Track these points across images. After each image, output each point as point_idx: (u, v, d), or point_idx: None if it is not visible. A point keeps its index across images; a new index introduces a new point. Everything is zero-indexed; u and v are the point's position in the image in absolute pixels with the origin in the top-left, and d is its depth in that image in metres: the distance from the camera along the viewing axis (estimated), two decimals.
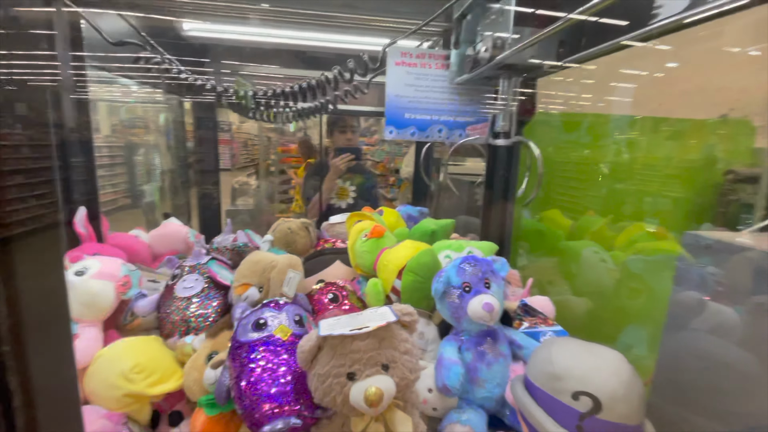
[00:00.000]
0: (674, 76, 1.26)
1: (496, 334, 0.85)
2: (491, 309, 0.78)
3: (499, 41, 0.93)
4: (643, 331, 1.08)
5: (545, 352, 0.66)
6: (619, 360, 0.62)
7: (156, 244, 1.40)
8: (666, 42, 1.09)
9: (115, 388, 0.80)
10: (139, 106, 4.98)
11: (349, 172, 2.16)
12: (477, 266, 0.85)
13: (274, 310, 0.84)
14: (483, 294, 0.81)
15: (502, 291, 0.86)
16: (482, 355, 0.82)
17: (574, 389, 0.59)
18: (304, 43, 1.79)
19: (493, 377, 0.81)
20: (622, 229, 1.27)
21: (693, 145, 1.28)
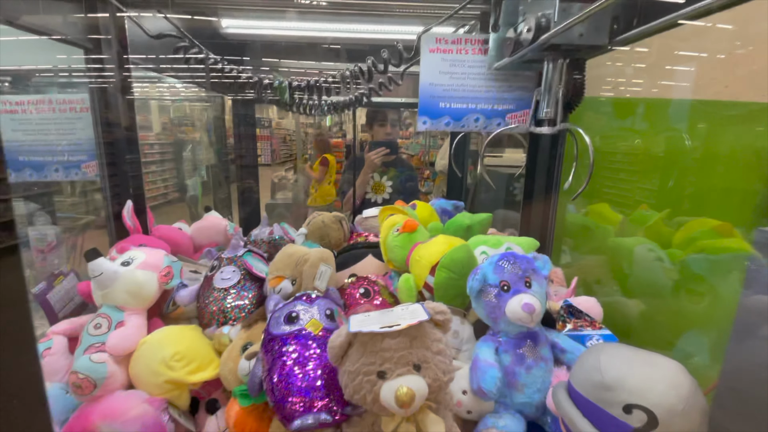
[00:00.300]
0: (740, 55, 1.12)
1: (536, 336, 0.80)
2: (532, 310, 0.73)
3: (544, 20, 0.85)
4: (704, 338, 0.97)
5: (593, 358, 0.60)
6: (679, 371, 0.55)
7: (197, 236, 1.45)
8: (728, 19, 0.97)
9: (157, 375, 0.83)
10: (186, 104, 5.24)
11: (384, 166, 2.14)
12: (516, 263, 0.80)
13: (306, 304, 0.84)
14: (523, 293, 0.76)
15: (544, 291, 0.80)
16: (521, 358, 0.77)
17: (626, 401, 0.53)
18: (339, 35, 1.78)
19: (533, 382, 0.76)
20: (680, 225, 1.15)
21: (763, 132, 1.14)
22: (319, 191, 3.57)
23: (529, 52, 0.95)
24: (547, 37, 0.85)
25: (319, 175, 3.60)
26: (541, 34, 0.87)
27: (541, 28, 0.87)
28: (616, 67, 1.41)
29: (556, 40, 0.87)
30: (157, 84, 3.45)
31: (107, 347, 0.85)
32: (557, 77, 1.00)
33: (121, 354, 0.86)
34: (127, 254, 1.01)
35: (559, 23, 0.83)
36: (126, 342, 0.87)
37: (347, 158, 4.04)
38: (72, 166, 1.36)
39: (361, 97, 1.35)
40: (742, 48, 1.09)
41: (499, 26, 1.07)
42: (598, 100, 1.47)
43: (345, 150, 4.28)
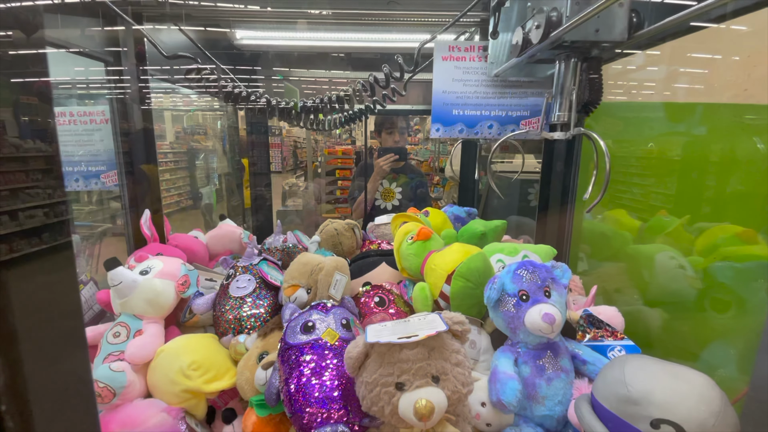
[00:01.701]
0: (759, 57, 1.10)
1: (556, 347, 0.78)
2: (552, 320, 0.72)
3: (555, 15, 0.81)
4: (731, 349, 0.94)
5: (617, 371, 0.59)
6: (709, 385, 0.53)
7: (213, 245, 1.47)
8: (744, 21, 0.95)
9: (174, 384, 0.83)
10: (199, 114, 5.33)
11: (394, 173, 2.14)
12: (535, 272, 0.78)
13: (322, 313, 0.84)
14: (543, 303, 0.74)
15: (564, 300, 0.78)
16: (541, 369, 0.76)
17: (653, 416, 0.52)
18: (348, 44, 1.80)
19: (554, 394, 0.75)
20: (702, 231, 1.12)
21: None
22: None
23: (538, 51, 0.91)
24: (559, 33, 0.81)
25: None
26: (552, 31, 0.83)
27: (552, 24, 0.83)
28: (631, 70, 1.40)
29: (569, 36, 0.83)
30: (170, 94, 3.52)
31: (126, 356, 0.86)
32: (570, 78, 0.95)
33: (140, 363, 0.87)
34: (146, 263, 1.03)
35: (571, 18, 0.79)
36: (144, 351, 0.88)
37: (357, 165, 4.06)
38: (92, 176, 1.39)
39: (366, 110, 1.35)
40: (759, 50, 1.07)
41: (497, 33, 1.06)
42: (613, 103, 1.45)
43: (355, 156, 4.29)
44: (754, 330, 0.80)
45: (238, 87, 1.18)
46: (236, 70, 1.86)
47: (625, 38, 0.84)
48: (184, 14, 1.43)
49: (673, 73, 1.32)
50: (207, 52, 1.50)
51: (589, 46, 0.90)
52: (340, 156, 4.37)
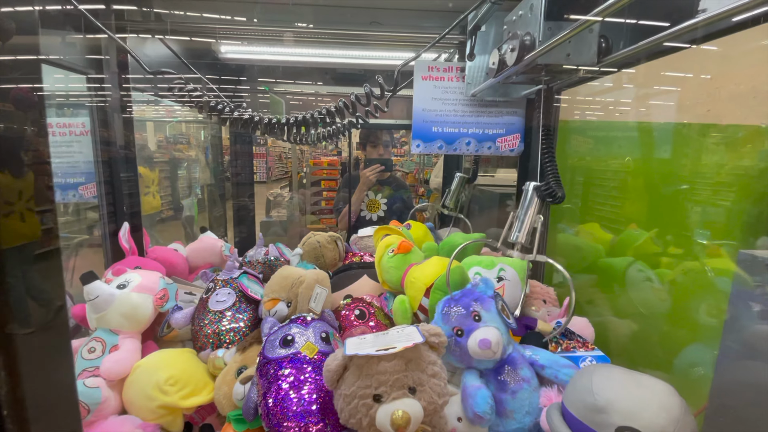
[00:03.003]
0: (722, 80, 1.17)
1: (513, 359, 0.80)
2: (488, 345, 0.74)
3: (529, 39, 0.84)
4: (694, 357, 0.99)
5: (586, 380, 0.61)
6: (669, 393, 0.56)
7: (193, 257, 1.46)
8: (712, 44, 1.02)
9: (151, 399, 0.82)
10: (183, 123, 5.28)
11: (379, 184, 2.17)
12: (458, 304, 0.81)
13: (301, 327, 0.84)
14: (476, 331, 0.77)
15: (496, 314, 0.80)
16: (504, 384, 0.78)
17: (618, 424, 0.54)
18: (333, 61, 1.84)
19: (521, 406, 0.76)
20: (669, 245, 1.18)
21: (746, 152, 1.18)
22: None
23: (513, 73, 0.94)
24: (532, 56, 0.85)
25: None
26: (526, 54, 0.86)
27: (526, 47, 0.86)
28: (605, 89, 1.46)
29: (542, 60, 0.86)
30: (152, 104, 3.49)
31: (101, 372, 0.85)
32: (535, 205, 0.93)
33: (116, 378, 0.85)
34: (123, 277, 1.02)
35: (544, 42, 0.82)
36: (120, 366, 0.87)
37: (342, 176, 4.08)
38: (69, 188, 1.37)
39: (349, 125, 1.38)
40: (726, 72, 1.14)
41: (474, 55, 1.10)
42: (588, 122, 1.52)
43: (340, 168, 4.31)
44: (714, 340, 0.84)
45: (222, 102, 1.19)
46: (221, 81, 1.87)
47: (594, 62, 0.89)
48: (169, 28, 1.44)
49: (643, 93, 1.39)
50: (190, 66, 1.51)
51: (560, 72, 0.94)
52: (325, 167, 4.38)
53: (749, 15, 0.68)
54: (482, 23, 1.05)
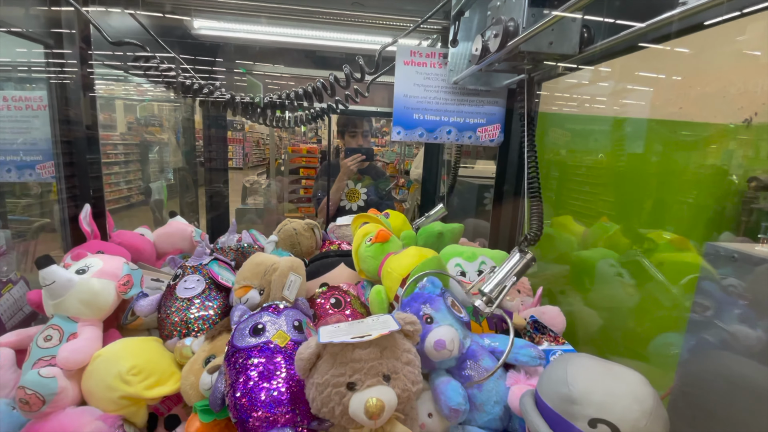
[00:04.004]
0: (694, 79, 1.21)
1: (473, 352, 0.81)
2: (443, 345, 0.74)
3: (512, 25, 0.83)
4: (661, 346, 1.02)
5: (560, 371, 0.61)
6: (642, 385, 0.57)
7: (161, 243, 1.39)
8: (685, 44, 1.04)
9: (112, 390, 0.78)
10: (154, 104, 5.06)
11: (360, 173, 2.13)
12: (408, 310, 0.81)
13: (273, 315, 0.82)
14: (429, 334, 0.77)
15: (447, 312, 0.81)
16: (469, 379, 0.78)
17: (591, 416, 0.54)
18: (313, 42, 1.78)
19: (489, 397, 0.77)
20: (637, 237, 1.21)
21: (713, 151, 1.22)
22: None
23: (496, 60, 0.93)
24: (515, 42, 0.83)
25: None
26: (509, 40, 0.85)
27: (509, 33, 0.85)
28: (582, 83, 1.48)
29: (525, 47, 0.85)
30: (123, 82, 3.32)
31: (58, 361, 0.80)
32: (514, 268, 0.86)
33: (73, 368, 0.81)
34: (83, 261, 0.96)
35: (527, 29, 0.81)
36: (79, 355, 0.82)
37: (321, 164, 4.01)
38: (26, 167, 1.28)
39: (328, 109, 1.34)
40: (698, 71, 1.17)
41: (457, 41, 1.08)
42: (564, 116, 1.53)
43: (320, 156, 4.24)
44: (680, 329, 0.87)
45: (192, 79, 1.13)
46: (194, 60, 1.79)
47: (576, 52, 0.89)
48: (140, 1, 1.35)
49: (619, 89, 1.41)
50: (160, 40, 1.43)
51: (542, 60, 0.93)
52: (304, 155, 4.30)
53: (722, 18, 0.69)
54: (466, 9, 1.03)
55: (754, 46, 1.00)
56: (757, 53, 1.02)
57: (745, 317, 0.74)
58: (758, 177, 1.16)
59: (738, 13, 0.77)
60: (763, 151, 1.16)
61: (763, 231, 1.08)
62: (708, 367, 0.80)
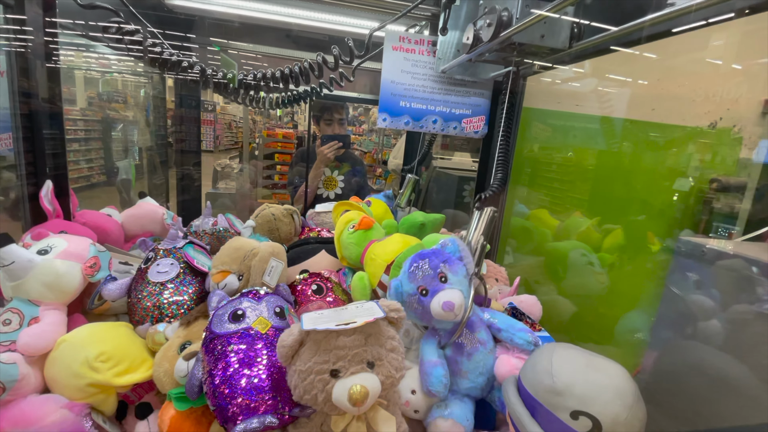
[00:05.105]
0: (666, 82, 1.26)
1: (471, 322, 0.82)
2: (452, 307, 0.75)
3: (506, 15, 0.83)
4: (631, 335, 1.08)
5: (546, 361, 0.62)
6: (624, 379, 0.58)
7: (129, 225, 1.33)
8: (660, 48, 1.08)
9: (79, 377, 0.74)
10: (119, 78, 4.77)
11: (336, 161, 2.10)
12: (427, 263, 0.81)
13: (254, 301, 0.80)
14: (441, 292, 0.77)
15: (463, 276, 0.81)
16: (461, 347, 0.80)
17: (573, 408, 0.56)
18: (293, 21, 1.71)
19: (475, 367, 0.79)
20: (608, 232, 1.27)
21: (680, 152, 1.28)
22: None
23: (487, 50, 0.93)
24: (509, 33, 0.84)
25: None
26: (502, 30, 0.85)
27: (503, 23, 0.85)
28: (565, 79, 1.51)
29: (518, 38, 0.85)
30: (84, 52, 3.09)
31: (19, 346, 0.75)
32: (479, 224, 0.89)
33: (35, 354, 0.76)
34: (45, 241, 0.90)
35: (521, 20, 0.81)
36: (41, 340, 0.77)
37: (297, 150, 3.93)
38: None
39: (311, 92, 1.30)
40: (672, 76, 1.22)
41: (447, 29, 1.07)
42: (543, 111, 1.57)
43: (296, 141, 4.15)
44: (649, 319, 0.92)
45: (168, 51, 1.06)
46: (165, 35, 1.68)
47: (566, 47, 0.90)
48: None
49: (597, 89, 1.46)
50: (132, 9, 1.34)
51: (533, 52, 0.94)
52: (280, 139, 4.20)
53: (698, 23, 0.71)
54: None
55: (723, 54, 1.06)
56: (724, 61, 1.08)
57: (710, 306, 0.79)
58: (719, 178, 1.23)
59: (704, 22, 0.80)
60: (724, 155, 1.23)
61: (713, 230, 1.16)
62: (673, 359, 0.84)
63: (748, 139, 1.22)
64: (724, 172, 1.24)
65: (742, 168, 1.19)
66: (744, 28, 0.76)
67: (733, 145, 1.20)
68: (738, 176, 1.22)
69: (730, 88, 1.14)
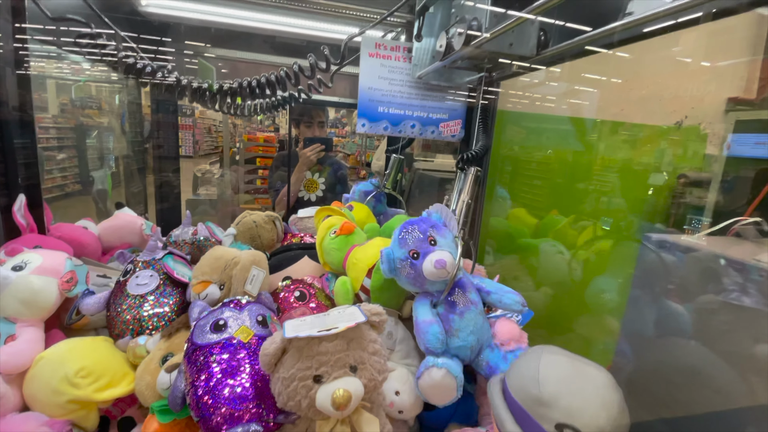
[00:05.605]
0: (633, 82, 1.31)
1: (462, 283, 0.84)
2: (444, 264, 0.77)
3: (476, 24, 0.86)
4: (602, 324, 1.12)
5: (532, 368, 0.61)
6: (610, 389, 0.58)
7: (107, 237, 1.30)
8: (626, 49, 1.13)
9: (59, 394, 0.73)
10: (92, 85, 4.64)
11: (318, 164, 2.11)
12: (415, 229, 0.84)
13: (235, 310, 0.80)
14: (431, 253, 0.80)
15: (450, 238, 0.84)
16: (453, 305, 0.81)
17: (558, 420, 0.55)
18: (271, 27, 1.71)
19: (467, 326, 0.80)
20: (583, 228, 1.31)
21: (649, 150, 1.34)
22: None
23: (459, 57, 0.97)
24: (478, 42, 0.87)
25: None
26: (473, 39, 0.88)
27: (472, 31, 0.88)
28: (536, 83, 1.56)
29: (487, 47, 0.88)
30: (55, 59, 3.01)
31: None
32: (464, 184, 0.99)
33: (13, 372, 0.75)
34: (20, 257, 0.88)
35: (490, 29, 0.85)
36: (18, 358, 0.76)
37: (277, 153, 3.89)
38: None
39: (290, 98, 1.31)
40: (637, 76, 1.27)
41: (421, 36, 1.10)
42: (519, 113, 1.61)
43: (278, 145, 4.11)
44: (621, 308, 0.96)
45: (141, 60, 1.05)
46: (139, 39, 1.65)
47: (534, 54, 0.94)
48: None
49: (569, 90, 1.50)
50: (103, 16, 1.31)
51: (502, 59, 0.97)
52: (261, 143, 4.15)
53: (658, 27, 0.75)
54: (430, 4, 1.04)
55: (686, 54, 1.10)
56: (688, 60, 1.13)
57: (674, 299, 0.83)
58: (686, 174, 1.29)
59: (673, 22, 0.83)
60: (691, 151, 1.29)
61: (687, 222, 1.22)
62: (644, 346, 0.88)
63: (713, 136, 1.28)
64: (692, 167, 1.30)
65: (713, 162, 1.25)
66: (710, 27, 0.80)
67: (700, 141, 1.26)
68: (704, 171, 1.28)
69: (696, 86, 1.19)
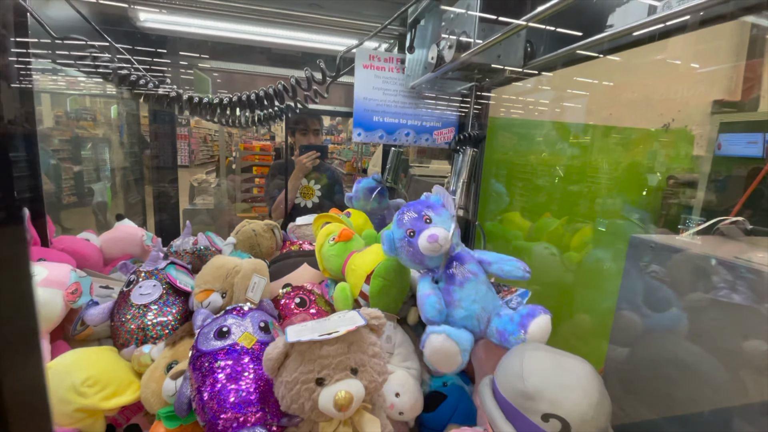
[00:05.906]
0: (622, 86, 1.34)
1: (461, 256, 0.87)
2: (436, 238, 0.80)
3: (465, 37, 0.90)
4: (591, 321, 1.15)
5: (516, 365, 0.66)
6: (590, 378, 0.62)
7: (108, 248, 1.32)
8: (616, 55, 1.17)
9: (66, 403, 0.75)
10: (87, 97, 4.66)
11: (314, 171, 2.13)
12: (411, 210, 0.88)
13: (238, 317, 0.82)
14: (425, 230, 0.83)
15: (446, 216, 0.87)
16: (452, 277, 0.84)
17: (544, 411, 0.59)
18: (267, 40, 1.75)
19: (468, 295, 0.82)
20: (575, 231, 1.34)
21: (639, 152, 1.38)
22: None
23: (450, 69, 1.00)
24: (467, 55, 0.91)
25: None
26: (462, 52, 0.93)
27: (462, 46, 0.93)
28: (527, 90, 1.60)
29: (476, 59, 0.92)
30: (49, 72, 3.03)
31: None
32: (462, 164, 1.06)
33: None
34: None
35: (478, 43, 0.89)
36: None
37: (274, 161, 3.92)
38: None
39: (286, 109, 1.34)
40: (626, 80, 1.30)
41: (413, 48, 1.14)
42: (512, 119, 1.65)
43: (274, 153, 4.14)
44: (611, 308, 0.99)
45: (139, 74, 1.07)
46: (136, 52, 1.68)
47: (521, 65, 0.98)
48: None
49: (558, 97, 1.54)
50: (102, 32, 1.34)
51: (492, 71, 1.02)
52: (258, 152, 4.18)
53: (646, 31, 0.79)
54: (421, 17, 1.08)
55: (674, 58, 1.14)
56: (676, 63, 1.16)
57: (663, 298, 0.86)
58: (675, 175, 1.33)
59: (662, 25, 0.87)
60: (679, 152, 1.33)
61: (681, 222, 1.25)
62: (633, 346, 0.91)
63: (699, 137, 1.32)
64: (682, 168, 1.34)
65: (702, 163, 1.28)
66: (696, 33, 0.84)
67: (688, 143, 1.30)
68: (694, 171, 1.31)
69: (685, 89, 1.23)
